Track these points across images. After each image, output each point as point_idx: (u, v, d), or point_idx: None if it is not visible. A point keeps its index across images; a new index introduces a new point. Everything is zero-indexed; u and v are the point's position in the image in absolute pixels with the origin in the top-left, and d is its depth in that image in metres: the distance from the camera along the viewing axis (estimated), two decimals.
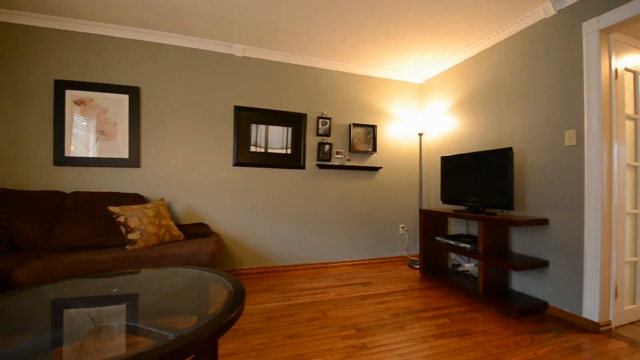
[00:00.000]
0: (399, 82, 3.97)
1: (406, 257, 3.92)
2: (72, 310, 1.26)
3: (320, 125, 3.54)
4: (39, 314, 1.22)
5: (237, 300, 1.23)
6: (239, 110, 3.26)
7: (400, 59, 3.49)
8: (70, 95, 2.77)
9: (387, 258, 3.85)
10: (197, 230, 2.78)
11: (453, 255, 3.39)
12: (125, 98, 2.91)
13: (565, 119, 2.30)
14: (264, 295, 2.67)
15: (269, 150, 3.38)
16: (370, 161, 3.81)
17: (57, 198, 2.58)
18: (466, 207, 2.95)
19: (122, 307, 1.31)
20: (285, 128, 3.43)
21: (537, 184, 2.49)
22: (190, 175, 3.13)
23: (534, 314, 2.31)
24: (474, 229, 3.13)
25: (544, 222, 2.37)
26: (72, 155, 2.77)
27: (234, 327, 2.06)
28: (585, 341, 1.93)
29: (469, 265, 3.09)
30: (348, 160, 3.68)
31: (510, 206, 2.46)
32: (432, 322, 2.16)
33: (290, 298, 2.60)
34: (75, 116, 2.78)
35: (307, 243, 3.53)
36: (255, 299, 2.56)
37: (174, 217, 3.06)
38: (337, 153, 3.63)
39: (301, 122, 3.49)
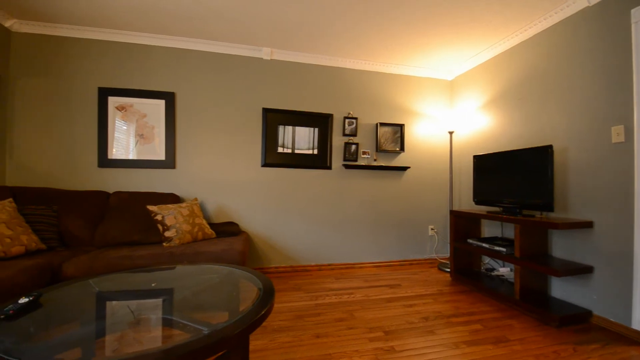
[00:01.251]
0: (428, 79, 3.86)
1: (436, 259, 3.81)
2: (114, 303, 1.36)
3: (346, 125, 3.53)
4: (86, 305, 1.32)
5: (267, 298, 1.26)
6: (266, 112, 3.33)
7: (429, 55, 3.40)
8: (112, 101, 2.97)
9: (416, 260, 3.76)
10: (228, 229, 2.88)
11: (487, 259, 3.25)
12: (161, 103, 3.07)
13: (611, 114, 2.13)
14: (291, 294, 2.70)
15: (296, 151, 3.42)
16: (398, 161, 3.74)
17: (101, 197, 2.77)
18: (501, 209, 2.82)
19: (159, 301, 1.38)
20: (312, 129, 3.46)
21: (580, 184, 2.33)
22: (221, 176, 3.24)
23: (576, 323, 2.16)
24: (509, 231, 2.98)
25: (588, 225, 2.21)
26: (114, 157, 2.97)
27: (262, 324, 2.11)
28: (635, 354, 1.77)
29: (504, 270, 2.95)
30: (375, 160, 3.64)
31: (550, 208, 2.32)
32: (464, 328, 2.08)
33: (317, 298, 2.61)
34: (117, 121, 2.98)
35: (334, 243, 3.53)
36: (283, 298, 2.60)
37: (206, 216, 3.18)
38: (364, 153, 3.60)
39: (327, 122, 3.50)
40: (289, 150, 3.40)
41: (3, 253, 1.95)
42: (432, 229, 3.83)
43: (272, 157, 3.36)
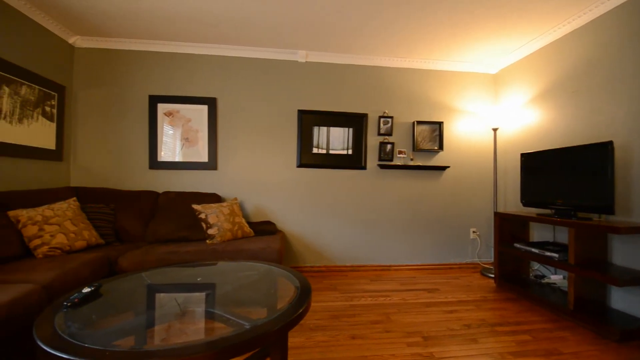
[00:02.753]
0: (469, 73, 3.68)
1: (478, 264, 3.62)
2: (163, 295, 1.46)
3: (381, 124, 3.48)
4: (139, 296, 1.43)
5: (304, 296, 1.28)
6: (302, 114, 3.38)
7: (470, 48, 3.24)
8: (161, 108, 3.20)
9: (456, 264, 3.60)
10: (265, 228, 2.97)
11: (536, 265, 3.02)
12: (204, 108, 3.25)
13: None
14: (326, 293, 2.71)
15: (330, 152, 3.43)
16: (436, 160, 3.61)
17: (152, 197, 2.99)
18: (553, 211, 2.61)
19: (202, 294, 1.46)
20: (346, 129, 3.45)
21: None
22: (259, 176, 3.35)
23: None
24: (561, 235, 2.75)
25: None
26: (163, 160, 3.19)
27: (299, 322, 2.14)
28: None
29: (556, 278, 2.72)
30: (411, 159, 3.54)
31: (610, 210, 2.10)
32: (511, 338, 1.96)
33: (353, 298, 2.60)
34: (165, 126, 3.20)
35: (369, 244, 3.49)
36: (318, 297, 2.62)
37: (244, 215, 3.30)
38: (400, 152, 3.52)
39: (362, 122, 3.47)
40: (324, 151, 3.42)
41: (68, 247, 2.18)
42: (474, 231, 3.64)
43: (307, 158, 3.40)
